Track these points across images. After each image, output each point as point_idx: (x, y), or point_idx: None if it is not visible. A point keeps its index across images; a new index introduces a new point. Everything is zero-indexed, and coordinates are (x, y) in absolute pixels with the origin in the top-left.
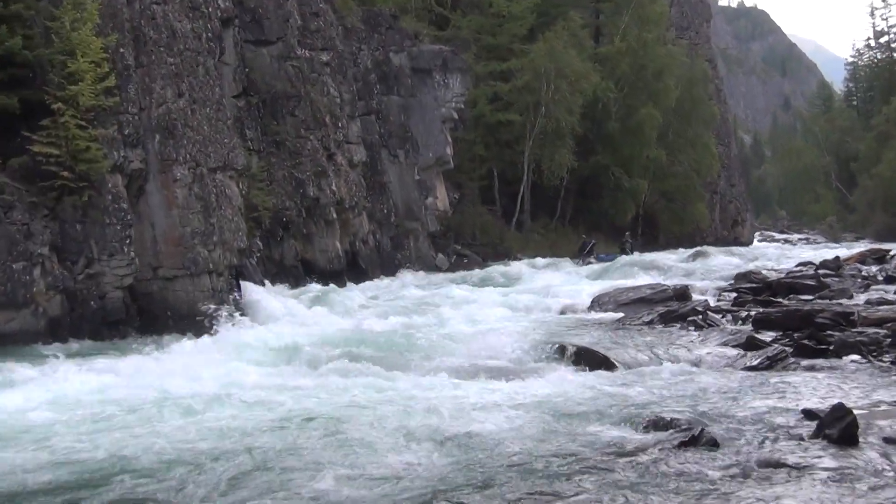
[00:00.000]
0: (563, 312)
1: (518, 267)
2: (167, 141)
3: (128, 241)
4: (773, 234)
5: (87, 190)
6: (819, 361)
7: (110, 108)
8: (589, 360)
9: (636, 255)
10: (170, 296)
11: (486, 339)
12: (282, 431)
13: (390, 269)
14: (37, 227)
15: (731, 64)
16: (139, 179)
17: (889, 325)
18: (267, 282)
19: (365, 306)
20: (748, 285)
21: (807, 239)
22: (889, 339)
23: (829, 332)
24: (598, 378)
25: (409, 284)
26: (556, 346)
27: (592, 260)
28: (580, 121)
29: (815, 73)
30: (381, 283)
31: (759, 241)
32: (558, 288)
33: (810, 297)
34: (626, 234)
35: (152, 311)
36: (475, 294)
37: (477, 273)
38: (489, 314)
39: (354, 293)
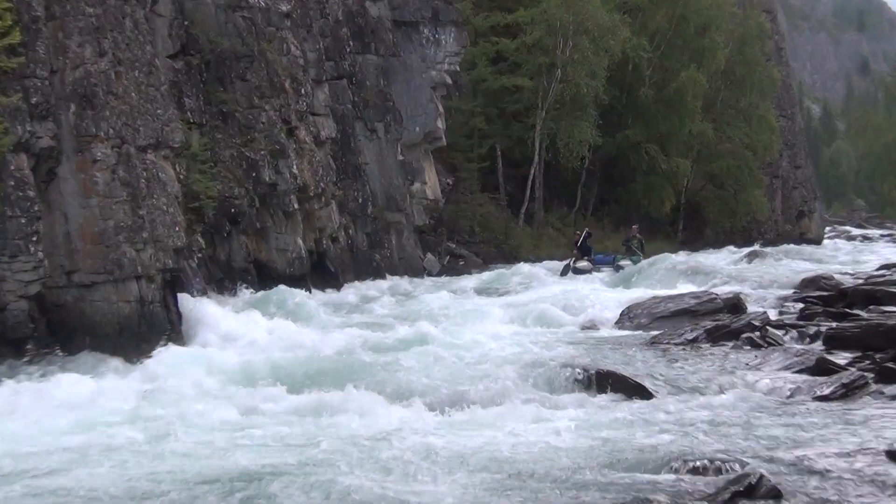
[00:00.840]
0: (585, 328)
1: (528, 270)
2: (85, 112)
3: (34, 239)
4: (849, 228)
5: None
6: None
7: (13, 70)
8: (618, 387)
9: (677, 259)
10: (87, 307)
11: (487, 362)
12: (192, 500)
13: (366, 274)
14: None
15: (794, 17)
16: (49, 160)
17: None
18: (210, 290)
19: (332, 320)
20: (817, 294)
21: (890, 235)
22: None
23: None
24: (629, 410)
25: (389, 292)
26: (577, 370)
27: (586, 264)
28: (605, 87)
29: None
30: (355, 291)
31: (831, 237)
32: (579, 296)
33: (895, 309)
34: (634, 227)
35: (66, 326)
36: (473, 304)
37: (476, 278)
38: (490, 330)
39: (320, 304)
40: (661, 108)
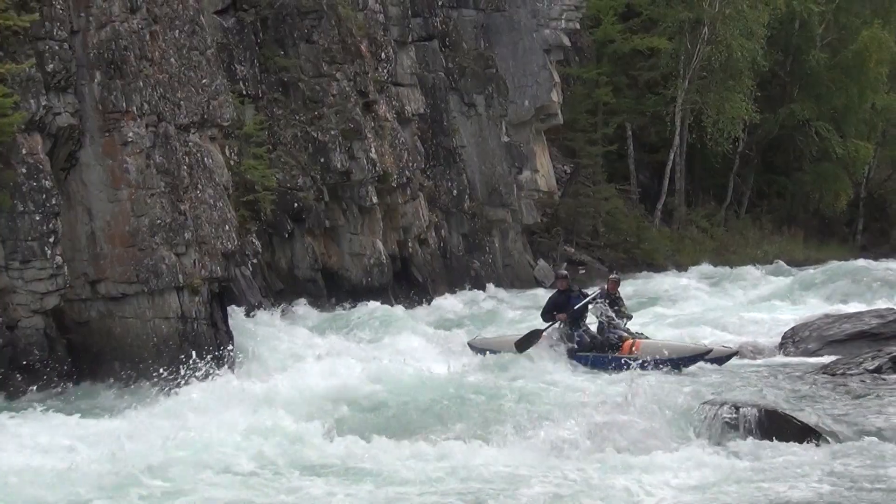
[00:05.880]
0: (739, 354)
1: (668, 281)
2: (113, 82)
3: (51, 240)
4: None
5: None
6: None
7: (24, 30)
8: (780, 429)
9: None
10: (117, 325)
11: (615, 395)
12: None
13: (462, 284)
14: None
15: None
16: (70, 142)
17: None
18: (268, 304)
19: (428, 340)
20: None
21: None
22: None
23: None
24: (794, 458)
25: (491, 307)
26: (728, 406)
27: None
28: (765, 49)
29: None
30: (448, 305)
31: None
32: (731, 315)
33: None
34: (612, 277)
35: (90, 349)
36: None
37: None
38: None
39: (408, 320)
40: (835, 76)
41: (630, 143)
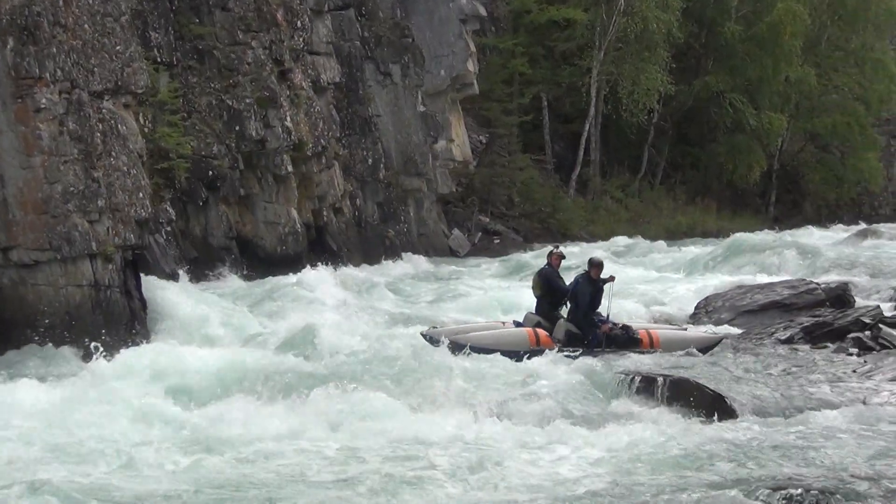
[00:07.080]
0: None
1: (581, 251)
2: (26, 48)
3: None
4: None
5: None
6: None
7: None
8: (692, 399)
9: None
10: (29, 292)
11: (529, 364)
12: None
13: (376, 254)
14: None
15: None
16: None
17: None
18: (182, 272)
19: (340, 308)
20: None
21: None
22: None
23: None
24: (705, 428)
25: (406, 277)
26: (640, 377)
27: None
28: (680, 21)
29: None
30: (362, 275)
31: None
32: (644, 286)
33: None
34: (555, 251)
35: (1, 316)
36: (513, 292)
37: (516, 259)
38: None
39: (323, 288)
40: (750, 48)
41: (545, 114)
